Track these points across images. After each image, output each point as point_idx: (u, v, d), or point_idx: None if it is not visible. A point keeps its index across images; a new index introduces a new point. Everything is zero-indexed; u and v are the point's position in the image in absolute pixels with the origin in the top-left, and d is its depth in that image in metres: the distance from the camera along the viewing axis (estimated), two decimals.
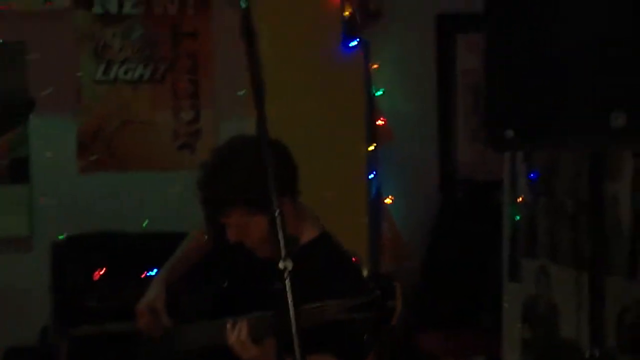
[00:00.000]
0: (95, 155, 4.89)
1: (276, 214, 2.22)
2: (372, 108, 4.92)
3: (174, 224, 4.41)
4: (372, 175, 4.90)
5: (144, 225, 4.80)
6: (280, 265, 2.18)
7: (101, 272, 4.25)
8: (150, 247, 4.49)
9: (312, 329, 2.71)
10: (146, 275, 4.28)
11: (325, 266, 2.44)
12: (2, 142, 4.64)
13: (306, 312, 2.71)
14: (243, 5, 2.30)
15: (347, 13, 4.78)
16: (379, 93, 5.04)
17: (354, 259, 3.05)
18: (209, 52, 4.99)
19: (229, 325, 2.87)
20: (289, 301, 2.13)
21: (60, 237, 4.66)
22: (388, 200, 5.06)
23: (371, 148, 4.89)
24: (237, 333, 2.84)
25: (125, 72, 4.90)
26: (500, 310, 4.42)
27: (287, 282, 2.15)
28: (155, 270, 4.18)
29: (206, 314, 3.09)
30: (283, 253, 2.19)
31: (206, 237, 3.32)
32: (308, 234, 3.03)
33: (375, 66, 4.99)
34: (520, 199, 4.37)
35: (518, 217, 4.35)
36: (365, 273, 3.00)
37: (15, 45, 4.75)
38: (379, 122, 4.97)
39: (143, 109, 4.94)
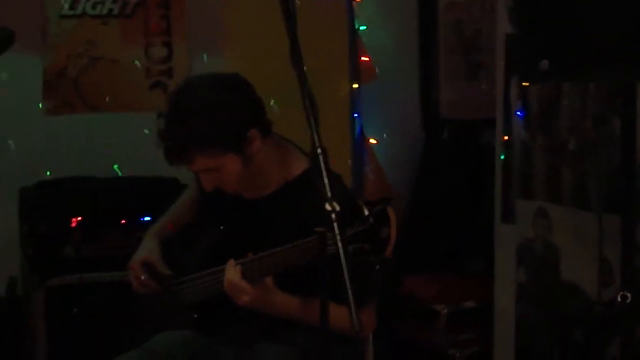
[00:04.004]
0: (63, 96, 4.59)
1: (318, 152, 2.03)
2: (355, 44, 4.72)
3: (146, 168, 4.24)
4: (355, 115, 4.73)
5: (114, 168, 4.56)
6: (327, 207, 1.97)
7: (78, 219, 3.99)
8: (126, 192, 4.29)
9: (303, 269, 2.56)
10: (127, 221, 4.08)
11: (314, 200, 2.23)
12: None
13: (294, 249, 2.57)
14: None
15: None
16: (363, 28, 4.83)
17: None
18: None
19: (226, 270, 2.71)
20: (339, 245, 1.93)
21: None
22: (372, 141, 4.88)
23: (355, 86, 4.72)
24: (230, 275, 2.67)
25: (94, 7, 4.60)
26: (491, 254, 4.31)
27: (336, 225, 1.94)
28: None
29: (205, 264, 2.91)
30: (329, 194, 1.98)
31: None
32: (295, 167, 2.88)
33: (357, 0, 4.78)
34: (506, 137, 4.23)
35: (502, 157, 4.22)
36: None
37: None
38: (363, 59, 4.77)
39: (112, 46, 4.64)
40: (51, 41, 4.57)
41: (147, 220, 3.96)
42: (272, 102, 3.04)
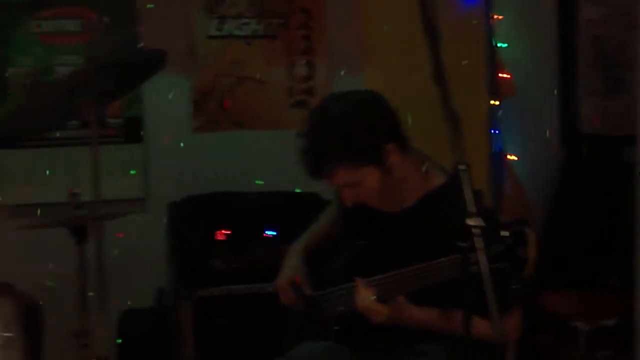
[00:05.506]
0: (210, 114, 4.76)
1: (462, 167, 2.08)
2: (494, 61, 4.75)
3: (288, 183, 4.35)
4: (494, 131, 4.76)
5: (258, 184, 4.69)
6: (470, 222, 2.02)
7: (225, 233, 4.14)
8: (269, 206, 4.42)
9: (440, 285, 2.61)
10: (266, 235, 4.21)
11: (454, 215, 2.27)
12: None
13: (433, 267, 2.62)
14: None
15: None
16: (504, 45, 4.85)
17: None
18: (323, 7, 4.83)
19: (355, 290, 2.79)
20: (482, 260, 1.98)
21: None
22: (511, 157, 4.89)
23: (493, 103, 4.74)
24: (361, 297, 2.75)
25: (239, 28, 4.77)
26: (632, 271, 4.26)
27: (479, 240, 1.99)
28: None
29: (347, 277, 2.99)
30: (472, 209, 2.03)
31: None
32: (433, 181, 2.92)
33: (498, 17, 4.80)
34: None
35: None
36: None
37: (126, 0, 4.63)
38: (502, 76, 4.79)
39: (257, 66, 4.80)
40: (199, 62, 4.75)
41: (288, 234, 4.08)
42: (409, 118, 3.09)
